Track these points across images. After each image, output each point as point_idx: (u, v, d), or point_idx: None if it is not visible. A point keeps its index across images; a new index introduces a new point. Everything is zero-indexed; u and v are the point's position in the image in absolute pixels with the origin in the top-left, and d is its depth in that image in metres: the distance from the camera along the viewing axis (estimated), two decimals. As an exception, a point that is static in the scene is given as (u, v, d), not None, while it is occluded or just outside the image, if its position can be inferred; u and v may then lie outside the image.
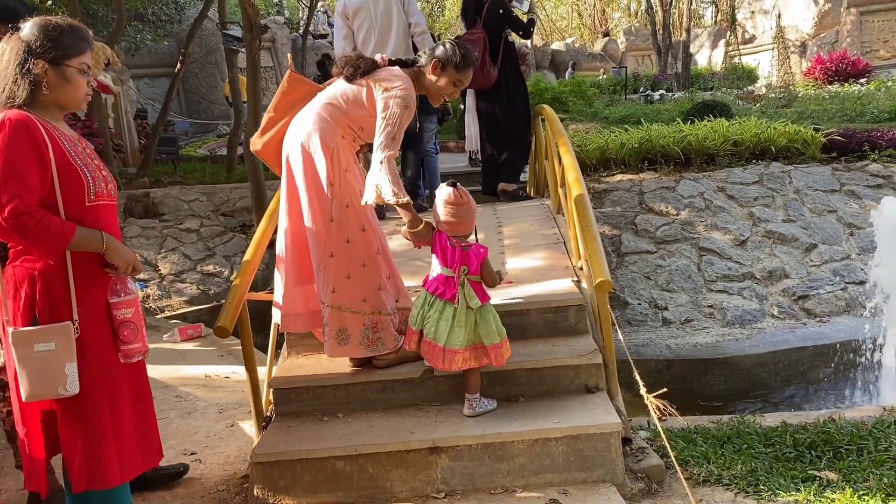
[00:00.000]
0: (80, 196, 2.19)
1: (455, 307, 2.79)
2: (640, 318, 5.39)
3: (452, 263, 2.82)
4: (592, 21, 35.38)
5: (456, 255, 2.82)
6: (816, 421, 3.41)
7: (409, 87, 2.93)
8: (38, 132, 2.12)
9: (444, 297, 2.81)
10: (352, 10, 5.43)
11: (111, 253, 2.25)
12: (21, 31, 2.17)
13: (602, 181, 6.94)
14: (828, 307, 5.41)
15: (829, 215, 6.32)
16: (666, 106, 11.91)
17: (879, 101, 11.08)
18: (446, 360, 2.81)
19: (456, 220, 2.83)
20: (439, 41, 3.20)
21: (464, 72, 3.03)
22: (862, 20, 21.14)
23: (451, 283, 2.81)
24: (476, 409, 2.93)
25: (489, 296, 2.91)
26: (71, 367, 2.13)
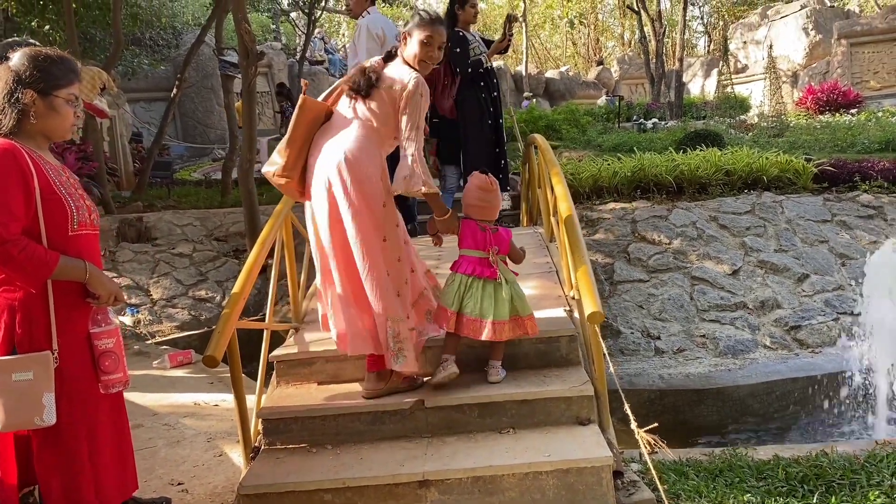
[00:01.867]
0: (64, 225, 2.19)
1: (495, 283, 3.08)
2: (633, 348, 5.38)
3: (485, 245, 3.12)
4: (587, 50, 35.77)
5: (488, 238, 3.13)
6: (809, 454, 3.39)
7: (413, 74, 2.97)
8: (24, 161, 2.13)
9: (484, 276, 3.09)
10: (388, 39, 5.44)
11: (94, 283, 2.24)
12: (10, 60, 2.18)
13: (595, 209, 6.97)
14: (820, 338, 5.41)
15: (821, 245, 6.35)
16: (659, 135, 12.00)
17: (870, 131, 11.18)
18: (497, 331, 3.06)
19: (486, 206, 3.15)
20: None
21: (428, 27, 3.00)
22: (852, 51, 21.43)
23: (486, 264, 3.11)
24: (500, 376, 3.19)
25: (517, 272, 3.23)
26: (48, 398, 2.11)
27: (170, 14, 18.54)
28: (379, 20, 5.55)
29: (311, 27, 18.82)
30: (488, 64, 5.69)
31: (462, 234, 3.19)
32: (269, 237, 3.57)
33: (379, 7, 20.64)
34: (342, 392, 3.25)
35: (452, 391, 3.13)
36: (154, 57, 16.25)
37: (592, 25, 35.36)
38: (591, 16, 34.20)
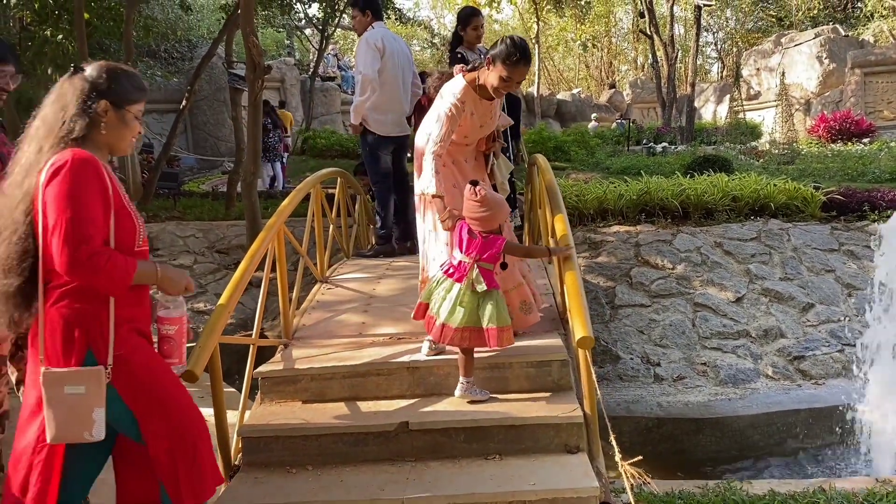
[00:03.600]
0: (132, 240, 2.19)
1: (461, 287, 3.09)
2: (632, 374, 5.27)
3: (468, 251, 3.15)
4: (599, 73, 35.86)
5: (472, 243, 3.15)
6: (806, 490, 3.30)
7: (457, 96, 3.41)
8: (102, 172, 2.12)
9: (455, 279, 3.13)
10: (387, 52, 5.56)
11: (166, 283, 2.26)
12: (85, 71, 2.20)
13: (599, 232, 6.89)
14: (823, 369, 5.29)
15: (828, 275, 6.24)
16: (668, 159, 11.93)
17: (881, 161, 11.08)
18: (444, 335, 3.09)
19: (482, 216, 3.13)
20: (500, 38, 3.44)
21: (511, 68, 3.28)
22: (866, 81, 21.36)
23: (463, 268, 3.14)
24: (467, 392, 3.15)
25: (497, 284, 3.17)
26: (99, 413, 2.07)
27: (185, 27, 18.74)
28: (379, 33, 5.61)
29: (324, 43, 18.95)
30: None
31: (456, 235, 3.26)
32: (260, 250, 3.52)
33: (391, 25, 20.76)
34: (326, 411, 3.18)
35: (439, 414, 3.06)
36: (168, 69, 16.38)
37: (606, 49, 35.48)
38: (604, 39, 34.32)
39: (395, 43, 5.78)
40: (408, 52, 5.93)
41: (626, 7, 32.19)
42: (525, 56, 3.32)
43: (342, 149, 15.36)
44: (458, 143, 3.60)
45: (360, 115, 5.60)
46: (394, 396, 3.26)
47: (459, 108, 3.43)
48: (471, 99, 3.46)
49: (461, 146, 3.65)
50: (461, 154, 3.66)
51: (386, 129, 5.68)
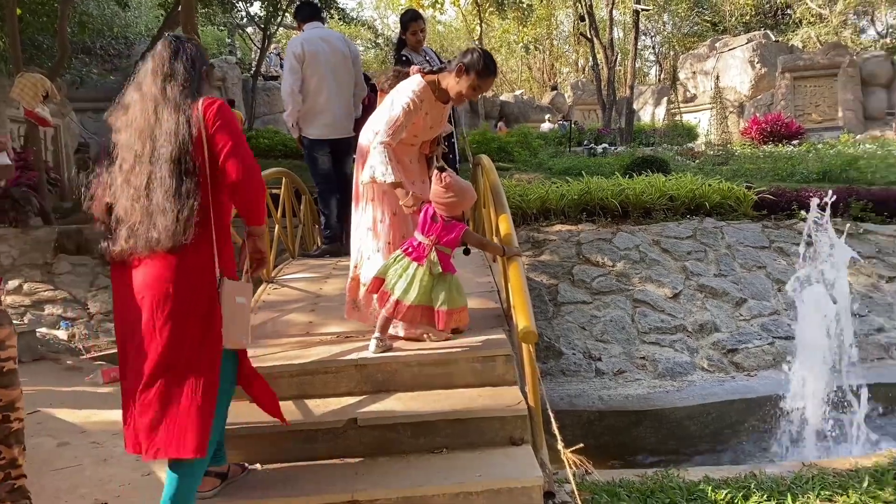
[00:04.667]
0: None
1: (417, 267, 3.26)
2: (575, 369, 5.42)
3: (428, 233, 3.30)
4: (542, 74, 36.33)
5: (433, 227, 3.30)
6: (738, 476, 3.45)
7: (416, 91, 3.47)
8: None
9: (413, 258, 3.29)
10: (308, 55, 5.54)
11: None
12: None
13: (542, 231, 7.04)
14: (756, 361, 5.54)
15: (759, 271, 6.52)
16: (608, 159, 12.21)
17: (809, 162, 11.57)
18: (397, 311, 3.29)
19: (442, 202, 3.28)
20: (470, 49, 3.56)
21: (484, 79, 3.45)
22: (795, 85, 22.21)
23: (423, 249, 3.29)
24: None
25: (454, 269, 3.36)
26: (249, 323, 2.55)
27: (122, 24, 18.27)
28: (300, 38, 5.68)
29: (266, 42, 18.72)
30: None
31: (420, 217, 3.40)
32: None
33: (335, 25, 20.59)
34: (276, 409, 3.19)
35: (387, 410, 3.11)
36: (104, 67, 15.96)
37: (547, 51, 35.96)
38: (546, 41, 34.78)
39: (324, 44, 5.69)
40: (345, 50, 5.81)
41: (566, 10, 32.69)
42: (495, 68, 3.52)
43: (286, 149, 15.20)
44: (407, 142, 3.65)
45: (291, 122, 5.66)
46: (342, 394, 3.29)
47: (417, 105, 3.49)
48: (428, 99, 3.54)
49: (408, 146, 3.70)
50: (406, 154, 3.71)
51: (318, 132, 5.68)
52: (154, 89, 2.44)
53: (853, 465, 3.52)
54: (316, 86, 5.60)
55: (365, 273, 3.67)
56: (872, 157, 12.33)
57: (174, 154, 2.35)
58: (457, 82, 3.47)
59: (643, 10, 19.84)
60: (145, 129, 2.40)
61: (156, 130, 2.38)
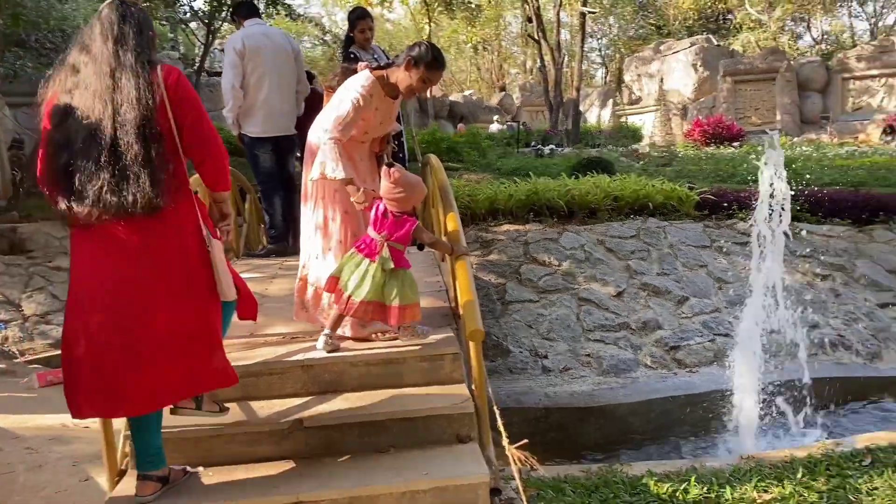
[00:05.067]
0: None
1: (370, 264, 3.29)
2: (521, 366, 5.47)
3: (380, 230, 3.33)
4: (490, 75, 36.55)
5: (385, 223, 3.34)
6: (679, 470, 3.54)
7: (365, 86, 3.46)
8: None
9: (365, 255, 3.32)
10: (249, 51, 5.47)
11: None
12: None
13: (490, 231, 7.08)
14: (697, 358, 5.67)
15: (700, 270, 6.68)
16: (555, 160, 12.37)
17: (749, 163, 11.90)
18: (349, 307, 3.29)
19: (392, 197, 3.32)
20: (417, 42, 3.59)
21: (434, 72, 3.50)
22: (736, 88, 22.84)
23: (375, 246, 3.32)
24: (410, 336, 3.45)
25: (408, 263, 3.39)
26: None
27: (59, 17, 17.67)
28: (241, 34, 5.63)
29: (210, 38, 18.37)
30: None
31: (372, 215, 3.42)
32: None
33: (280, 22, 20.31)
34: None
35: (333, 411, 3.09)
36: (40, 61, 15.39)
37: (496, 52, 36.20)
38: (494, 42, 35.02)
39: (266, 40, 5.65)
40: (288, 47, 5.79)
41: (515, 11, 32.97)
42: (444, 61, 3.57)
43: (230, 146, 14.88)
44: (357, 139, 3.63)
45: (231, 119, 5.60)
46: (288, 395, 3.25)
47: (367, 100, 3.47)
48: (377, 94, 3.54)
49: (358, 144, 3.68)
50: (357, 152, 3.68)
51: (259, 129, 5.62)
52: (106, 52, 2.43)
53: (788, 456, 3.64)
54: (257, 82, 5.53)
55: (313, 273, 3.64)
56: (808, 160, 12.78)
57: (138, 120, 2.37)
58: (407, 76, 3.48)
59: (589, 13, 20.14)
60: (102, 92, 2.39)
61: (116, 95, 2.39)
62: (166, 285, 2.46)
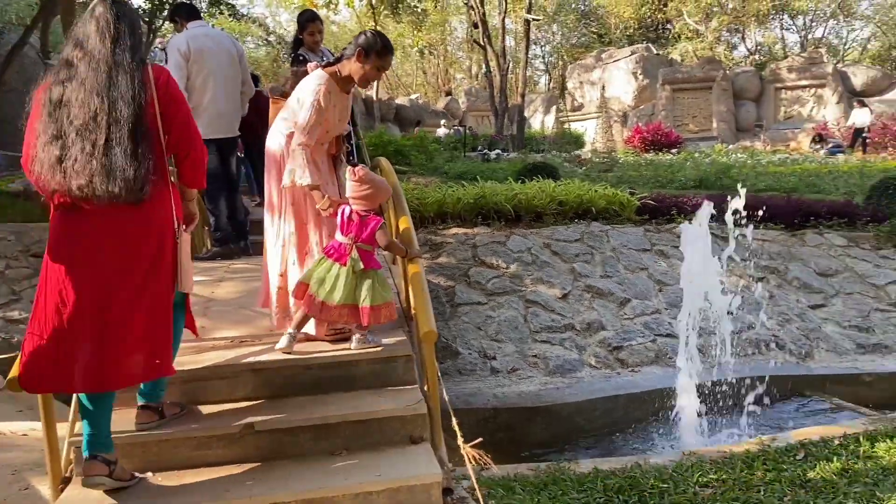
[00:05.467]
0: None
1: (340, 268, 3.33)
2: (470, 368, 5.52)
3: (347, 232, 3.39)
4: (436, 79, 36.67)
5: (351, 226, 3.39)
6: (624, 466, 3.64)
7: (321, 85, 3.47)
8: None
9: (334, 259, 3.35)
10: (194, 53, 5.41)
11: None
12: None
13: (439, 234, 7.12)
14: (639, 358, 5.82)
15: (642, 272, 6.86)
16: (501, 165, 12.50)
17: (687, 170, 12.28)
18: (323, 312, 3.33)
19: (358, 195, 3.39)
20: (362, 32, 3.64)
21: (384, 58, 3.55)
22: (675, 96, 23.51)
23: (343, 249, 3.36)
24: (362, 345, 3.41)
25: (378, 264, 3.46)
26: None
27: (-11, 11, 17.04)
28: (184, 35, 5.58)
29: (151, 36, 17.94)
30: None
31: (338, 219, 3.46)
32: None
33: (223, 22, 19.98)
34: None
35: (286, 414, 3.08)
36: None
37: (442, 56, 36.35)
38: (440, 47, 35.16)
39: (210, 41, 5.62)
40: (233, 49, 5.76)
41: (460, 17, 33.20)
42: (392, 46, 3.64)
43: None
44: (319, 140, 3.63)
45: None
46: (238, 399, 3.23)
47: (327, 98, 3.48)
48: (334, 90, 3.56)
49: (319, 146, 3.67)
50: (318, 155, 3.67)
51: (203, 131, 5.55)
52: (103, 50, 2.56)
53: (728, 452, 3.78)
54: (202, 84, 5.47)
55: (292, 281, 3.61)
56: (743, 167, 13.24)
57: (133, 117, 2.53)
58: (359, 66, 3.52)
59: (534, 20, 20.42)
60: (99, 88, 2.52)
61: (112, 92, 2.52)
62: (136, 271, 2.60)
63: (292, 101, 3.61)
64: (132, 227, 2.60)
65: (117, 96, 2.52)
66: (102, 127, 2.50)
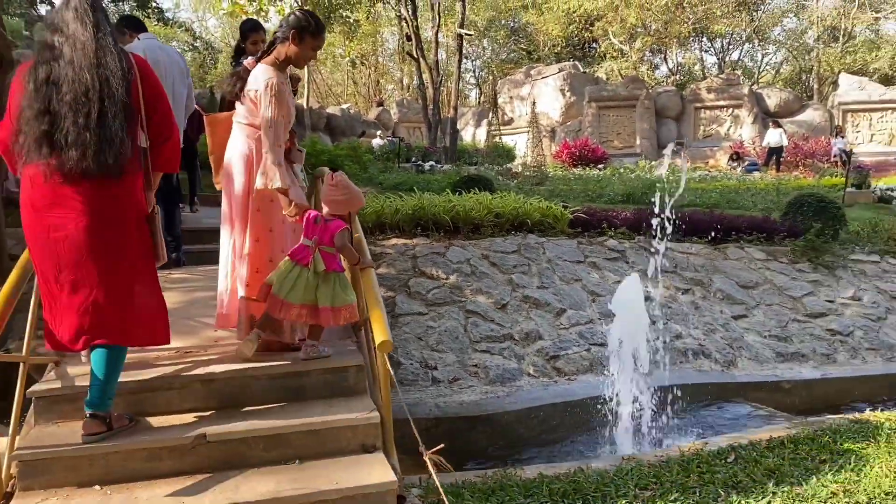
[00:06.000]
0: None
1: (302, 269, 3.39)
2: (412, 378, 5.57)
3: (311, 235, 3.44)
4: (367, 90, 36.64)
5: (315, 229, 3.44)
6: (568, 471, 3.75)
7: (270, 77, 3.44)
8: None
9: (297, 261, 3.41)
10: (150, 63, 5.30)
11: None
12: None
13: (378, 244, 7.15)
14: (575, 366, 6.00)
15: (576, 283, 7.06)
16: (436, 177, 12.62)
17: (615, 185, 12.67)
18: (283, 311, 3.37)
19: (332, 199, 3.48)
20: (291, 12, 3.64)
21: (318, 36, 3.57)
22: (600, 113, 24.23)
23: (307, 252, 3.42)
24: (310, 355, 3.46)
25: (341, 267, 3.51)
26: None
27: None
28: (140, 45, 5.56)
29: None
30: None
31: (304, 224, 3.49)
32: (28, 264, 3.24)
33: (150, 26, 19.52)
34: (114, 429, 3.03)
35: (238, 424, 3.06)
36: None
37: (373, 67, 36.36)
38: (371, 58, 35.17)
39: (163, 53, 5.63)
40: (181, 63, 5.84)
41: (392, 28, 33.30)
42: (323, 24, 3.68)
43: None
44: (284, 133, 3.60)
45: None
46: (188, 410, 3.19)
47: (282, 88, 3.45)
48: (282, 78, 3.52)
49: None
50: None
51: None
52: (86, 33, 2.72)
53: (664, 456, 3.95)
54: None
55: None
56: (668, 183, 13.75)
57: (122, 93, 2.72)
58: (296, 49, 3.52)
59: (466, 35, 20.70)
60: (90, 66, 2.69)
61: (102, 70, 2.70)
62: (118, 241, 2.81)
63: (248, 106, 3.57)
64: (109, 200, 2.77)
65: (108, 74, 2.70)
66: (95, 101, 2.67)
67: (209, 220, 7.51)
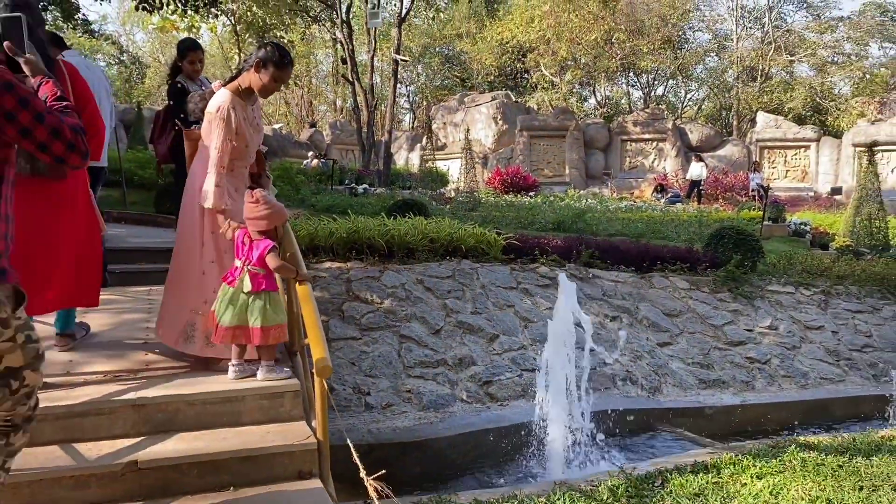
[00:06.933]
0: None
1: (232, 290, 3.44)
2: (345, 404, 5.52)
3: (240, 255, 3.51)
4: (300, 110, 36.41)
5: (243, 248, 3.50)
6: (501, 496, 3.80)
7: (224, 101, 3.58)
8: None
9: (229, 283, 3.48)
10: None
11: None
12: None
13: (312, 267, 7.09)
14: (508, 392, 6.07)
15: (509, 309, 7.17)
16: (370, 200, 12.63)
17: (546, 212, 12.96)
18: (217, 334, 3.46)
19: (254, 216, 3.49)
20: (262, 44, 3.73)
21: (284, 69, 3.65)
22: (532, 142, 24.77)
23: (237, 273, 3.49)
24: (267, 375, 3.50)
25: (273, 286, 3.54)
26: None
27: None
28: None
29: None
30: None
31: (236, 243, 3.58)
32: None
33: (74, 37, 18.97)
34: (38, 456, 2.91)
35: (170, 451, 2.99)
36: None
37: (306, 88, 36.19)
38: (304, 79, 35.01)
39: (89, 71, 5.47)
40: (106, 83, 5.73)
41: (326, 51, 33.30)
42: (292, 59, 3.77)
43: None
44: (241, 160, 3.73)
45: None
46: (118, 436, 3.10)
47: (231, 114, 3.56)
48: (238, 104, 3.63)
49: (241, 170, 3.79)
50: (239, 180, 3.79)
51: None
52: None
53: (595, 480, 4.05)
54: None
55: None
56: (595, 212, 14.15)
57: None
58: (258, 77, 3.62)
59: (402, 60, 20.89)
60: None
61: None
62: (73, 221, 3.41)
63: (205, 127, 3.64)
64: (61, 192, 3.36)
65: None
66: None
67: (134, 240, 7.32)
